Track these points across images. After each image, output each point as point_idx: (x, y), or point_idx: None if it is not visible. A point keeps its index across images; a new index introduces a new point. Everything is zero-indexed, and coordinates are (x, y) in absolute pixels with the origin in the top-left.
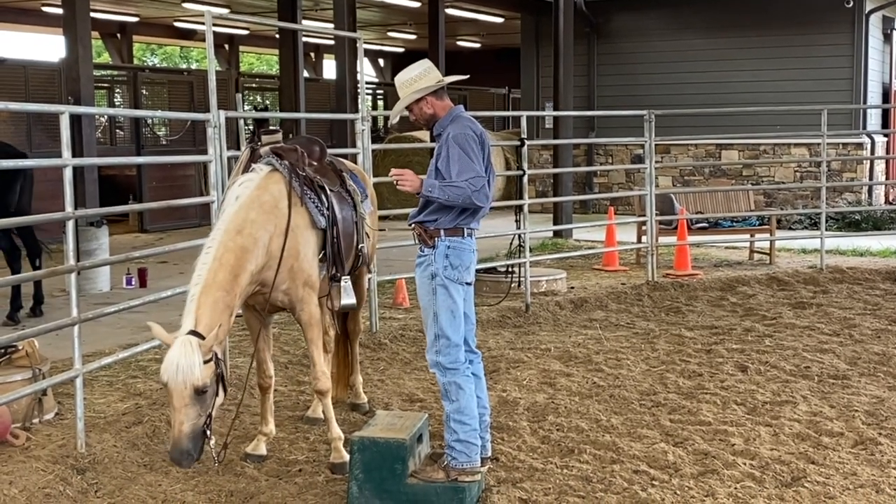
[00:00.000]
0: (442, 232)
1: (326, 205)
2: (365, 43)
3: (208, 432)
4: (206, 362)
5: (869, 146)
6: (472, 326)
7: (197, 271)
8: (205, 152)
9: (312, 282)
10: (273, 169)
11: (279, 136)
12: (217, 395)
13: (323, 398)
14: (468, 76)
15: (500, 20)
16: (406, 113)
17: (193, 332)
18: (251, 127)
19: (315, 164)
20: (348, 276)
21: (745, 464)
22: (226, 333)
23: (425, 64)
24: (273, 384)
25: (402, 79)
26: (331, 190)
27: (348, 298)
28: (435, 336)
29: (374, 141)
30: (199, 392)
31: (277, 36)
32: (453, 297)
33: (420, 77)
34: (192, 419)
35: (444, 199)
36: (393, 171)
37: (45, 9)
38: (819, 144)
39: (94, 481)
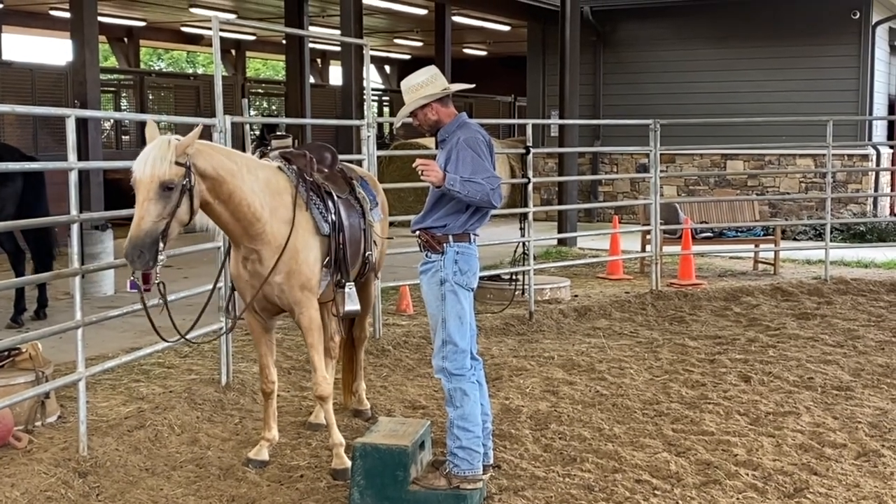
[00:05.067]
0: (450, 238)
1: (333, 211)
2: (371, 50)
3: (162, 245)
4: (177, 164)
5: (874, 157)
6: (474, 333)
7: None
8: None
9: (311, 286)
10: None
11: (289, 140)
12: (179, 205)
13: (324, 404)
14: (474, 85)
15: (506, 28)
16: (409, 119)
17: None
18: (257, 132)
19: (325, 171)
20: (352, 283)
21: (747, 474)
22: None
23: (432, 70)
24: (276, 389)
25: (408, 84)
26: (338, 197)
27: (352, 305)
28: (442, 342)
29: (379, 147)
30: (165, 188)
31: (284, 42)
32: (461, 303)
33: (426, 83)
34: (153, 217)
35: (464, 194)
36: (419, 160)
37: (52, 12)
38: (824, 155)
39: (96, 485)
